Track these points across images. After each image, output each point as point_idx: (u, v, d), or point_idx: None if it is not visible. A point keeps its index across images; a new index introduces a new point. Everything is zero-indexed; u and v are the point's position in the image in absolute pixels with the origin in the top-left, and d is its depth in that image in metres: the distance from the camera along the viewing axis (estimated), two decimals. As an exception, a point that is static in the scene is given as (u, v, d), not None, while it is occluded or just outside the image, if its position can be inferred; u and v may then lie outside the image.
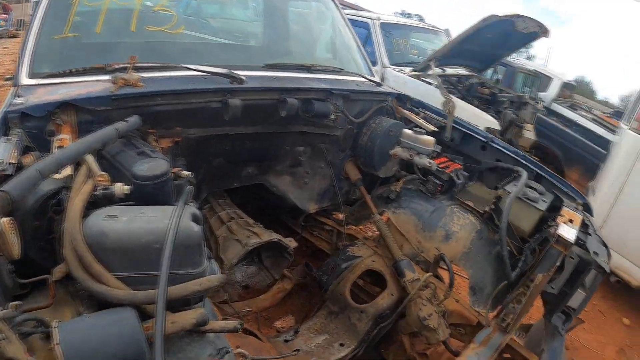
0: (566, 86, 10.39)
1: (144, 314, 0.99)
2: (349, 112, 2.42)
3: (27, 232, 1.14)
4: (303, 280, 2.67)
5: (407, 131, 2.41)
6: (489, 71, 7.69)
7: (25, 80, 1.72)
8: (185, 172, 1.41)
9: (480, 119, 4.55)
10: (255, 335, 1.97)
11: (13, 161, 1.25)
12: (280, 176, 2.48)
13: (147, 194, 1.23)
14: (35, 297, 1.13)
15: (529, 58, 22.22)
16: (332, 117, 2.27)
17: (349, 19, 5.85)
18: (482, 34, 4.99)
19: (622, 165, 3.96)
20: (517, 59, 10.45)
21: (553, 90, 9.74)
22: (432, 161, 2.32)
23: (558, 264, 1.94)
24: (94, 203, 1.14)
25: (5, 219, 0.92)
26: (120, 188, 1.20)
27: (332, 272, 2.35)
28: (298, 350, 2.05)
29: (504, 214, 2.02)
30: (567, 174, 6.94)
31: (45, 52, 1.84)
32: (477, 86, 6.06)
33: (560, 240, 1.88)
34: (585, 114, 9.55)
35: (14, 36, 18.91)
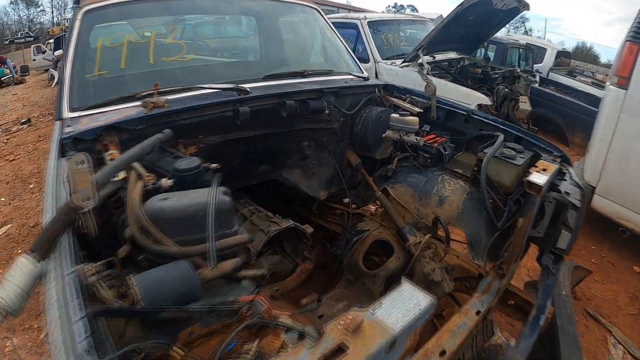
0: (562, 54, 10.47)
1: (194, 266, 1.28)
2: (341, 106, 2.70)
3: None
4: (322, 259, 2.90)
5: (394, 115, 2.65)
6: (480, 51, 7.86)
7: (67, 114, 2.02)
8: (213, 165, 1.75)
9: (472, 97, 4.74)
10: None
11: None
12: (291, 170, 2.74)
13: (186, 183, 1.55)
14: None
15: (526, 32, 22.09)
16: (327, 112, 2.57)
17: (338, 23, 6.15)
18: (464, 17, 5.13)
19: (609, 119, 3.96)
20: (510, 35, 10.54)
21: (549, 60, 9.81)
22: (418, 137, 2.56)
23: (536, 208, 2.08)
24: (146, 195, 1.44)
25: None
26: (166, 182, 1.53)
27: (345, 246, 2.60)
28: (322, 315, 2.26)
29: (482, 170, 2.21)
30: (570, 140, 6.88)
31: (82, 90, 2.15)
32: (469, 67, 6.18)
33: (532, 185, 2.03)
34: (584, 79, 9.60)
35: (21, 82, 19.52)
